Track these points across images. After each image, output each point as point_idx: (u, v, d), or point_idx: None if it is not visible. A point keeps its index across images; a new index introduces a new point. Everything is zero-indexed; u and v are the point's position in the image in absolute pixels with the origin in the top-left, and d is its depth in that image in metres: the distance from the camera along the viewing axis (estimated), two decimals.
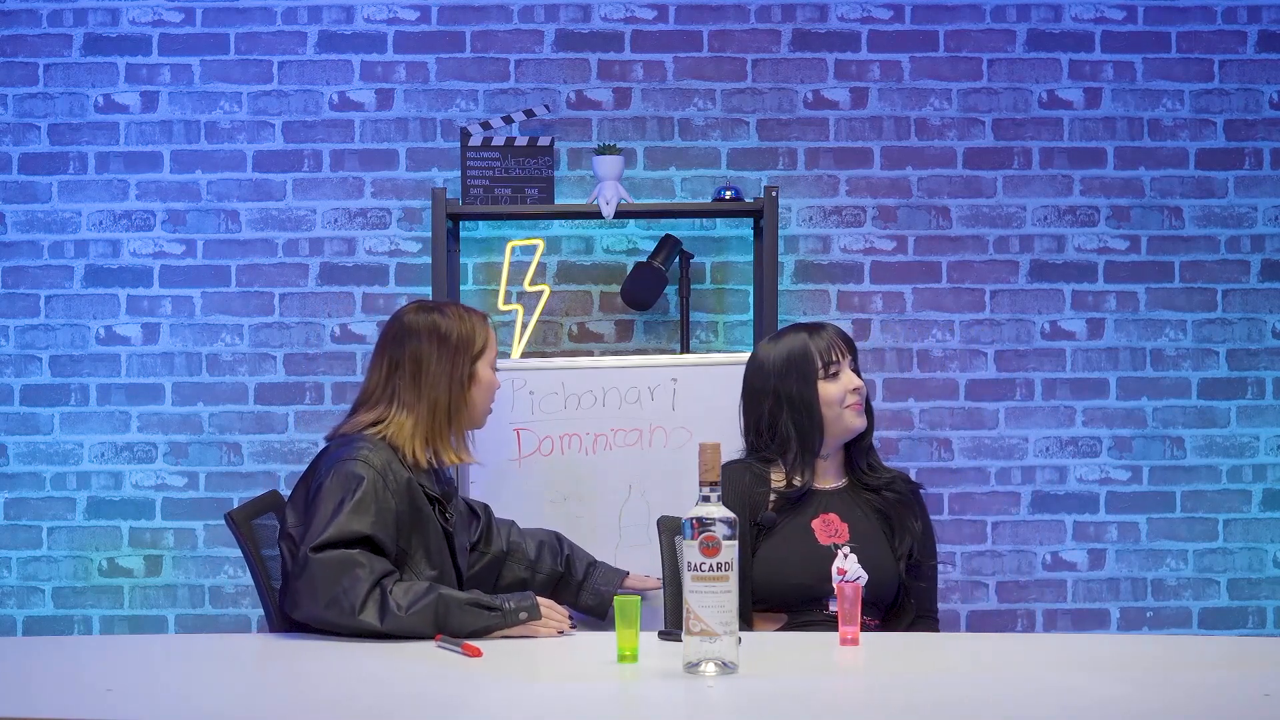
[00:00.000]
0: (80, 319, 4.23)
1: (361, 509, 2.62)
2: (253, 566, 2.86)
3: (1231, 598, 4.23)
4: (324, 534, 2.58)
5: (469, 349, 2.82)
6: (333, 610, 2.54)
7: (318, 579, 2.56)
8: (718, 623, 2.21)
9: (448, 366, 2.80)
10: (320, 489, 2.66)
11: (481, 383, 2.84)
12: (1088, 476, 4.24)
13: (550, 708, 2.15)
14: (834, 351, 2.94)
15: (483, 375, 2.84)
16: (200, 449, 4.22)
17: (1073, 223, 4.25)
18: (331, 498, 2.63)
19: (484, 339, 2.86)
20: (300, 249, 4.23)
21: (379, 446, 2.72)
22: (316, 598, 2.56)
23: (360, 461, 2.67)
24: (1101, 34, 4.26)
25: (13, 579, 4.20)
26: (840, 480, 2.98)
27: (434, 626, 2.54)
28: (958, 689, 2.21)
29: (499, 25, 4.25)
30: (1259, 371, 4.25)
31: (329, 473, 2.68)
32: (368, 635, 2.54)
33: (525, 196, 4.05)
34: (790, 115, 4.25)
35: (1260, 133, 4.26)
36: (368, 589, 2.54)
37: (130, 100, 4.24)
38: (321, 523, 2.60)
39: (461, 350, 2.82)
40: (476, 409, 2.86)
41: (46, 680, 2.31)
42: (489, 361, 2.86)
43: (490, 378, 2.87)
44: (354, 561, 2.57)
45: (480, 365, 2.84)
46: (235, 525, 2.86)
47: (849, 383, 2.93)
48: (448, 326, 2.83)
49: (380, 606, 2.54)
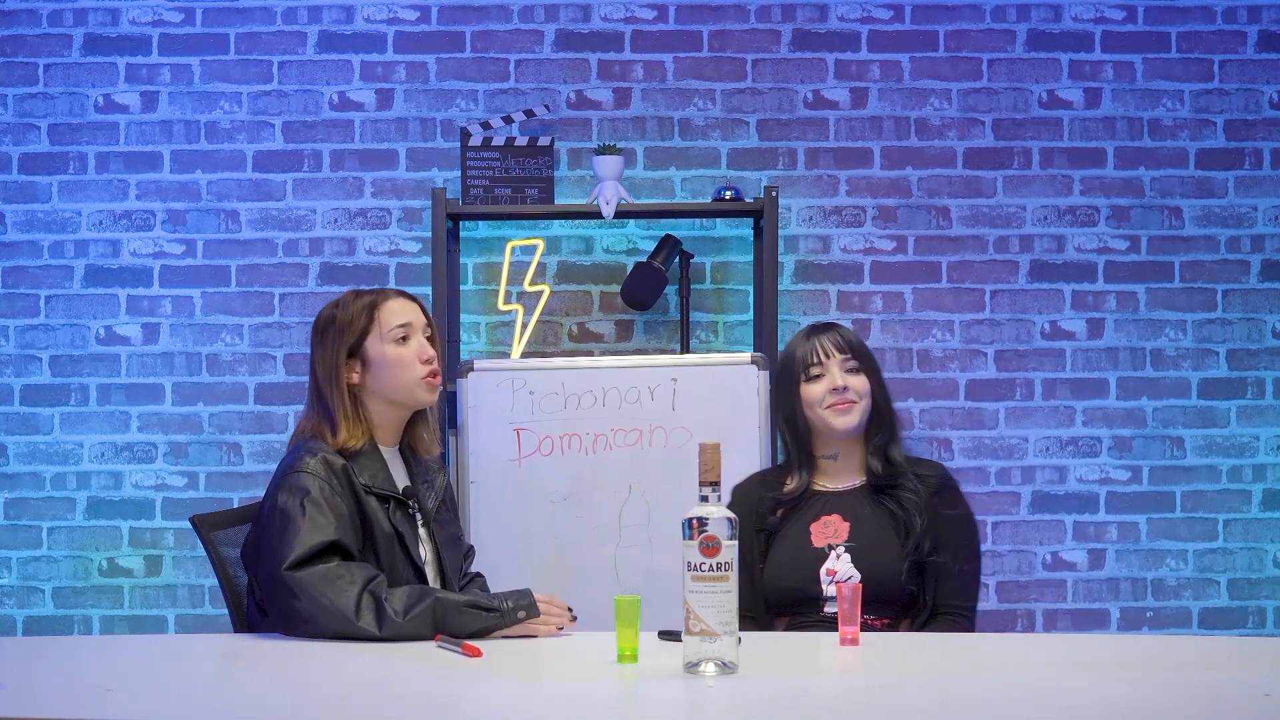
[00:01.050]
0: (80, 319, 4.23)
1: (319, 516, 2.61)
2: (216, 568, 2.89)
3: (1231, 598, 4.23)
4: (294, 552, 2.57)
5: (344, 335, 2.78)
6: (330, 621, 2.53)
7: (303, 597, 2.55)
8: (718, 623, 2.21)
9: (327, 356, 2.78)
10: (274, 507, 2.65)
11: (373, 361, 2.78)
12: (1088, 476, 4.24)
13: (550, 708, 2.15)
14: (816, 354, 2.93)
15: (373, 353, 2.78)
16: (200, 449, 4.22)
17: (1073, 223, 4.25)
18: (289, 513, 2.62)
19: (366, 320, 2.79)
20: (300, 249, 4.23)
21: (318, 449, 2.71)
22: (310, 616, 2.54)
23: (305, 473, 2.66)
24: (1101, 34, 4.26)
25: (13, 579, 4.20)
26: (857, 480, 2.96)
27: (432, 630, 2.53)
28: (958, 689, 2.21)
29: (499, 25, 4.25)
30: (1259, 371, 4.25)
31: (279, 489, 2.67)
32: (367, 640, 2.53)
33: (525, 196, 4.05)
34: (790, 115, 4.25)
35: (1260, 133, 4.26)
36: (357, 595, 2.53)
37: (130, 100, 4.24)
38: (289, 541, 2.59)
39: (335, 338, 2.78)
40: (390, 387, 2.79)
41: (46, 680, 2.31)
42: (379, 337, 2.78)
43: (384, 353, 2.78)
44: (334, 574, 2.56)
45: (369, 344, 2.78)
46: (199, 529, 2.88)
47: (830, 383, 2.91)
48: (328, 316, 2.82)
49: (376, 613, 2.53)
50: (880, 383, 2.97)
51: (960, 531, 2.89)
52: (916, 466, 2.96)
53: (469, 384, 3.69)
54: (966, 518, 2.93)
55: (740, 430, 3.64)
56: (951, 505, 2.91)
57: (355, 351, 2.79)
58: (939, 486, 2.91)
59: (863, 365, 2.96)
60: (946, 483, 2.94)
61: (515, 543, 3.62)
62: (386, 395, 2.80)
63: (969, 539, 2.91)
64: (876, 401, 2.95)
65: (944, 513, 2.87)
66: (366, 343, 2.79)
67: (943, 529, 2.85)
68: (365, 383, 2.79)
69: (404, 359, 2.79)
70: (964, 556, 2.86)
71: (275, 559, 2.59)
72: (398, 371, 2.79)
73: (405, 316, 2.82)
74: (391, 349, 2.79)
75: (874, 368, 2.98)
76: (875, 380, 2.96)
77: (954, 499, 2.92)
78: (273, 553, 2.60)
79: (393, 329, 2.79)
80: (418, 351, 2.80)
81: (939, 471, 2.96)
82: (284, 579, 2.56)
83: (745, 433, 3.65)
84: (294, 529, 2.60)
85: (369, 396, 2.80)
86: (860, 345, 2.99)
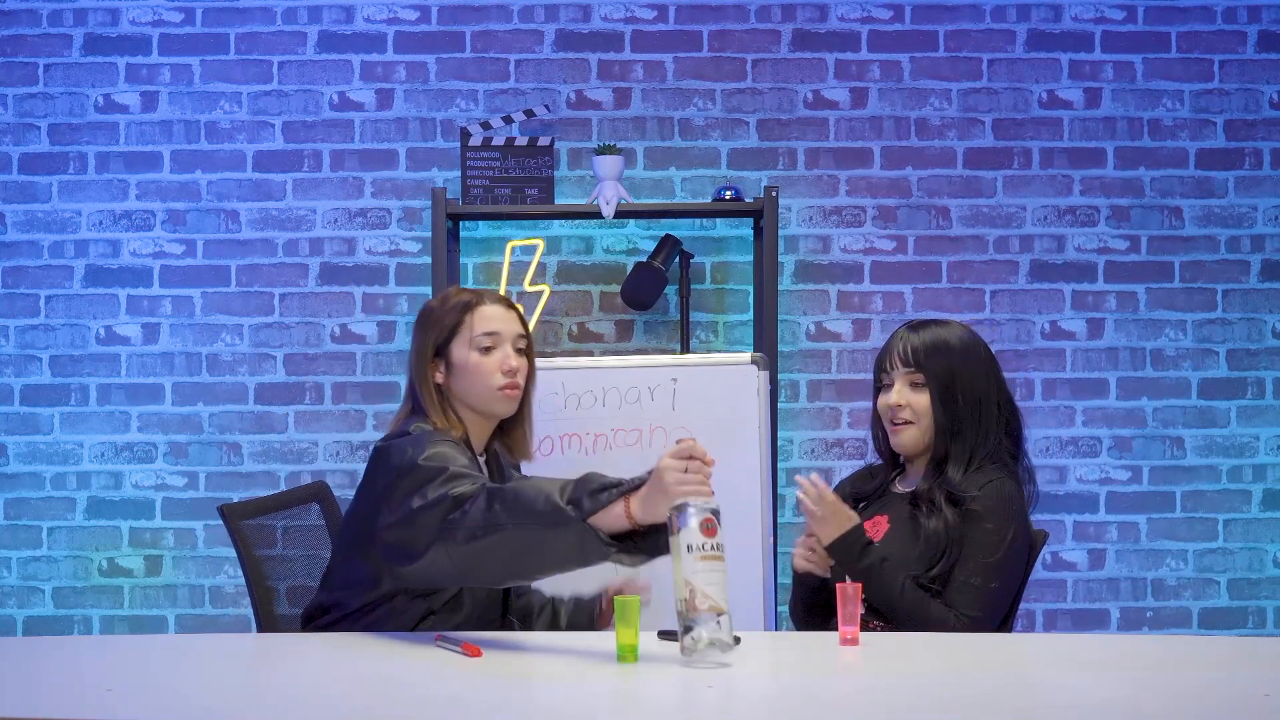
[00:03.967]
0: (80, 319, 4.23)
1: (453, 452, 2.55)
2: (244, 563, 2.87)
3: (1231, 598, 4.23)
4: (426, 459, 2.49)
5: (434, 332, 2.74)
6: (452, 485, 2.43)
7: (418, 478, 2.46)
8: (723, 599, 2.24)
9: (419, 349, 2.76)
10: (398, 455, 2.56)
11: (456, 365, 2.73)
12: (1088, 476, 4.24)
13: (550, 708, 2.15)
14: (887, 362, 2.83)
15: (456, 357, 2.73)
16: (200, 449, 4.22)
17: (1073, 223, 4.25)
18: (419, 444, 2.54)
19: (455, 320, 2.74)
20: (300, 249, 4.24)
21: (428, 427, 2.67)
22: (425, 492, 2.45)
23: (429, 430, 2.62)
24: (1101, 34, 4.26)
25: (13, 579, 4.20)
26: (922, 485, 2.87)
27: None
28: (958, 689, 2.21)
29: (499, 25, 4.25)
30: (1259, 371, 4.25)
31: (396, 447, 2.59)
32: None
33: (525, 196, 4.05)
34: (790, 115, 4.25)
35: (1260, 133, 4.26)
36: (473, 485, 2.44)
37: (130, 100, 4.24)
38: (434, 487, 2.47)
39: (427, 333, 2.75)
40: (468, 393, 2.73)
41: (46, 680, 2.31)
42: (465, 342, 2.73)
43: (466, 359, 2.72)
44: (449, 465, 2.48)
45: (455, 347, 2.73)
46: (227, 519, 2.86)
47: (890, 398, 2.82)
48: (428, 309, 2.80)
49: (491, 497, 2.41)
50: (951, 398, 2.77)
51: (977, 547, 2.71)
52: (974, 486, 2.74)
53: None
54: (990, 537, 2.71)
55: (740, 430, 3.64)
56: (976, 525, 2.72)
57: (441, 351, 2.74)
58: (971, 512, 2.73)
59: (930, 380, 2.78)
60: (982, 506, 2.73)
61: None
62: (465, 400, 2.74)
63: (986, 555, 2.70)
64: (939, 421, 2.78)
65: (969, 532, 2.72)
66: (452, 344, 2.74)
67: (966, 546, 2.72)
68: (449, 384, 2.74)
69: (485, 367, 2.72)
70: (973, 570, 2.70)
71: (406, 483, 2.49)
72: (476, 379, 2.72)
73: (496, 325, 2.75)
74: (475, 356, 2.72)
75: (945, 382, 2.78)
76: (944, 395, 2.78)
77: (978, 520, 2.72)
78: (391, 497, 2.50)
79: (480, 335, 2.73)
80: (500, 362, 2.73)
81: (985, 493, 2.73)
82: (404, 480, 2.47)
83: (745, 433, 3.64)
84: (443, 474, 2.48)
85: (453, 398, 2.75)
86: (932, 357, 2.79)
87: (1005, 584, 2.73)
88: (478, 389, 2.72)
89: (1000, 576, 2.71)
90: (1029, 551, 2.81)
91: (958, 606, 2.69)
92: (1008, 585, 2.74)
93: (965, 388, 2.79)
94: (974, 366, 2.80)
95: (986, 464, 2.78)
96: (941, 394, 2.78)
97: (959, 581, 2.71)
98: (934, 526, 2.73)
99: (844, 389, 4.20)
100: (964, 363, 2.80)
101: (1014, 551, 2.73)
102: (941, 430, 2.78)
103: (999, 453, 2.80)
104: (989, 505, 2.72)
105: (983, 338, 2.87)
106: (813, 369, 4.23)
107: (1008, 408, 2.84)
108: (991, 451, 2.79)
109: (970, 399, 2.79)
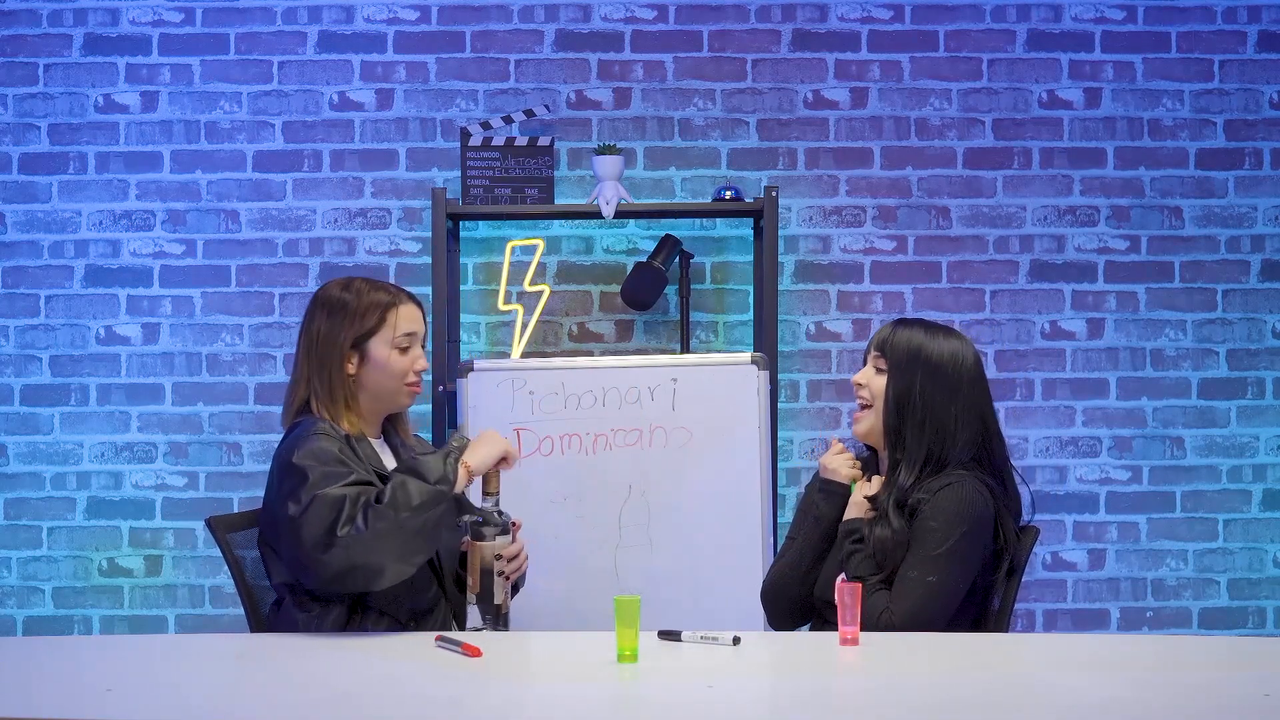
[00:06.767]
0: (80, 319, 4.23)
1: (337, 469, 2.66)
2: (232, 569, 2.89)
3: (1231, 598, 4.23)
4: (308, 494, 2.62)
5: (353, 326, 2.82)
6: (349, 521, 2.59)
7: (314, 516, 2.59)
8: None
9: (333, 337, 2.82)
10: (288, 464, 2.67)
11: (373, 361, 2.82)
12: (1088, 476, 4.24)
13: (550, 708, 2.15)
14: (871, 342, 2.87)
15: (375, 354, 2.83)
16: (200, 449, 4.22)
17: (1073, 223, 4.25)
18: (304, 468, 2.65)
19: (378, 318, 2.83)
20: (300, 249, 4.24)
21: (325, 426, 2.75)
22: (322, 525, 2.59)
23: (320, 435, 2.71)
24: (1101, 34, 4.26)
25: (13, 579, 4.20)
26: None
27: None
28: (958, 689, 2.21)
29: (499, 25, 4.25)
30: (1259, 371, 4.25)
31: (290, 450, 2.70)
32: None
33: (525, 196, 4.05)
34: (790, 115, 4.25)
35: (1260, 133, 4.26)
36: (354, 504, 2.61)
37: (130, 100, 4.24)
38: (306, 490, 2.62)
39: (344, 324, 2.82)
40: (379, 388, 2.85)
41: (46, 680, 2.31)
42: (386, 341, 2.83)
43: (386, 358, 2.83)
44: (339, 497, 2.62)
45: (374, 344, 2.83)
46: (214, 530, 2.89)
47: (856, 375, 2.87)
48: (339, 299, 2.85)
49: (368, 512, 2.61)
50: (904, 400, 2.76)
51: (919, 542, 2.70)
52: (931, 490, 2.73)
53: (469, 384, 3.69)
54: (934, 534, 2.69)
55: (740, 430, 3.64)
56: (922, 522, 2.70)
57: (358, 344, 2.83)
58: (919, 511, 2.72)
59: (893, 368, 2.79)
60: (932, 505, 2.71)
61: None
62: (373, 392, 2.85)
63: (927, 549, 2.68)
64: (885, 418, 2.79)
65: (915, 530, 2.71)
66: (371, 341, 2.83)
67: (911, 542, 2.71)
68: (359, 375, 2.84)
69: (401, 366, 2.86)
70: (911, 563, 2.68)
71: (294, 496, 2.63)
72: (393, 377, 2.85)
73: (413, 326, 2.88)
74: (395, 355, 2.85)
75: (903, 385, 2.77)
76: (899, 396, 2.77)
77: (925, 518, 2.70)
78: (292, 493, 2.63)
79: (400, 336, 2.85)
80: (414, 361, 2.87)
81: (940, 495, 2.72)
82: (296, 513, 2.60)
83: (745, 433, 3.65)
84: (311, 477, 2.63)
85: (359, 388, 2.85)
86: (902, 355, 2.78)
87: (946, 581, 2.68)
88: (390, 385, 2.86)
89: (939, 571, 2.67)
90: (995, 557, 2.77)
91: (893, 598, 2.68)
92: (951, 582, 2.69)
93: (922, 398, 2.76)
94: (939, 383, 2.77)
95: (955, 470, 2.75)
96: (896, 393, 2.78)
97: (898, 575, 2.71)
98: (879, 535, 2.74)
99: (844, 389, 4.20)
100: (929, 377, 2.77)
101: (960, 550, 2.69)
102: (887, 428, 2.79)
103: (969, 465, 2.76)
104: (939, 504, 2.70)
105: (980, 358, 2.82)
106: (813, 369, 4.23)
107: (981, 433, 2.78)
108: (959, 465, 2.75)
109: (919, 411, 2.76)
